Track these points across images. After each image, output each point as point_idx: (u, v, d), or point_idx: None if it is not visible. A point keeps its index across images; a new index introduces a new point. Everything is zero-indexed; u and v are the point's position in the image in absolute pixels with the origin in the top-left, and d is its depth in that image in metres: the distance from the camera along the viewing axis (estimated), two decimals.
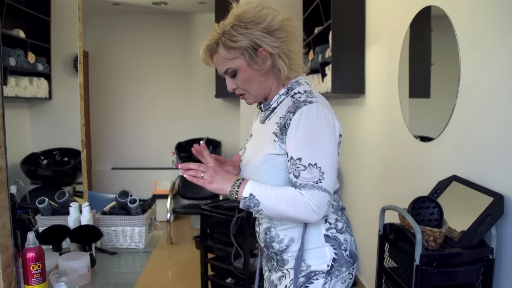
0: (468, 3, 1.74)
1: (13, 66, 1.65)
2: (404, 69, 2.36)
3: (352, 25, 3.00)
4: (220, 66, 1.24)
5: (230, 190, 1.18)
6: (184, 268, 3.88)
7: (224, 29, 1.20)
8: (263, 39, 1.17)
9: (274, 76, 1.25)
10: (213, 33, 1.23)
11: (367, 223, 3.04)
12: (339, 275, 1.24)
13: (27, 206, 1.68)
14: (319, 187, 1.12)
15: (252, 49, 1.18)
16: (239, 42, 1.17)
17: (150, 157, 5.62)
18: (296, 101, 1.19)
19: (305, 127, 1.13)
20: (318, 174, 1.12)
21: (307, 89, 1.23)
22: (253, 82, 1.23)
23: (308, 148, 1.13)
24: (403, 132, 2.36)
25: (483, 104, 1.65)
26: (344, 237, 1.27)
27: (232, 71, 1.22)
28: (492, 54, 1.59)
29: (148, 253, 1.81)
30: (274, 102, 1.27)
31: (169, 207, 4.73)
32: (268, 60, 1.20)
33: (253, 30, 1.17)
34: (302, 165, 1.13)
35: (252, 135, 1.39)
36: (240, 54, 1.19)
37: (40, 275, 1.24)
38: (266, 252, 1.36)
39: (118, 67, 5.51)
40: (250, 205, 1.16)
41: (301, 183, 1.13)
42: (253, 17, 1.18)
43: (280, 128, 1.19)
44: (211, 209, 2.76)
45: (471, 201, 1.61)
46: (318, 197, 1.12)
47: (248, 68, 1.21)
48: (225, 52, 1.19)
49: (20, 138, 1.71)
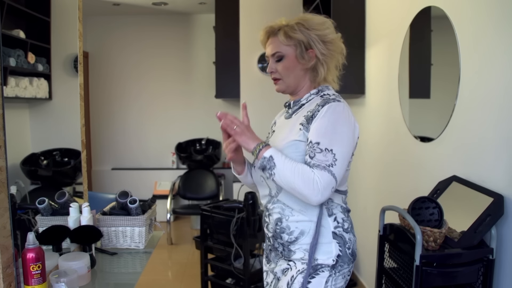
0: (468, 3, 1.74)
1: (13, 67, 1.65)
2: (404, 69, 2.36)
3: (352, 25, 3.00)
4: (271, 47, 1.39)
5: (254, 146, 1.28)
6: (184, 269, 3.87)
7: (289, 22, 1.37)
8: (316, 43, 1.34)
9: (310, 78, 1.40)
10: (278, 22, 1.38)
11: (367, 223, 3.04)
12: (341, 270, 1.34)
13: (27, 207, 1.68)
14: (329, 171, 1.21)
15: (304, 46, 1.34)
16: (298, 35, 1.34)
17: (150, 157, 5.62)
18: (325, 98, 1.34)
19: (330, 118, 1.26)
20: (331, 159, 1.22)
21: (336, 94, 1.39)
22: (291, 72, 1.38)
23: (329, 136, 1.24)
24: (403, 133, 2.36)
25: (483, 105, 1.65)
26: (349, 236, 1.37)
27: (280, 55, 1.37)
28: (492, 55, 1.59)
29: (148, 254, 1.81)
30: (304, 100, 1.41)
31: (169, 208, 4.73)
32: (313, 61, 1.36)
33: (312, 33, 1.34)
34: (319, 148, 1.23)
35: (275, 131, 1.48)
36: (293, 45, 1.35)
37: (40, 276, 1.24)
38: (272, 242, 1.43)
39: (118, 68, 5.52)
40: (266, 166, 1.27)
41: (314, 163, 1.23)
42: (316, 25, 1.36)
43: (307, 119, 1.31)
44: (211, 209, 2.76)
45: (471, 201, 1.61)
46: (326, 179, 1.21)
47: (294, 59, 1.36)
48: (283, 37, 1.35)
49: (20, 138, 1.71)
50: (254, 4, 4.04)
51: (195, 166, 5.17)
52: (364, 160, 3.09)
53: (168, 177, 5.42)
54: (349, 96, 3.28)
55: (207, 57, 5.39)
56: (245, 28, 4.05)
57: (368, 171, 3.03)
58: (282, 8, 3.94)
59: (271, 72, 1.41)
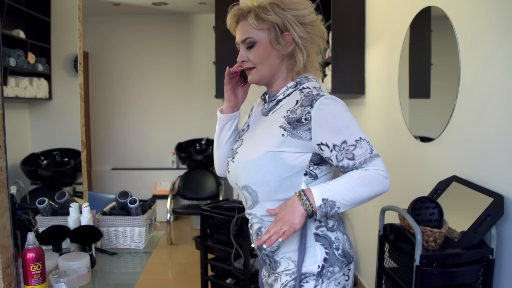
0: (468, 3, 1.74)
1: (13, 67, 1.65)
2: (404, 69, 2.36)
3: (352, 25, 3.00)
4: (241, 32, 1.23)
5: (304, 209, 1.10)
6: (184, 269, 3.87)
7: (261, 4, 1.20)
8: (293, 25, 1.17)
9: (287, 66, 1.24)
10: (249, 3, 1.23)
11: (367, 223, 3.04)
12: (332, 276, 1.19)
13: (27, 207, 1.68)
14: (375, 155, 1.12)
15: (279, 29, 1.18)
16: (271, 16, 1.17)
17: (150, 157, 5.62)
18: (308, 94, 1.17)
19: (332, 113, 1.13)
20: (366, 145, 1.12)
21: (316, 86, 1.22)
22: (266, 61, 1.21)
23: (345, 129, 1.12)
24: (403, 133, 2.36)
25: (483, 105, 1.65)
26: (336, 235, 1.22)
27: (251, 41, 1.21)
28: (492, 55, 1.59)
29: (148, 254, 1.81)
30: (280, 94, 1.25)
31: (169, 208, 4.73)
32: (290, 47, 1.20)
33: (288, 13, 1.17)
34: (351, 145, 1.12)
35: (250, 126, 1.33)
36: (266, 29, 1.19)
37: (40, 276, 1.24)
38: (260, 255, 1.32)
39: (118, 68, 5.51)
40: (328, 211, 1.10)
41: (360, 161, 1.12)
42: (292, 4, 1.18)
43: (291, 122, 1.16)
44: (211, 209, 2.76)
45: (471, 201, 1.61)
46: (380, 164, 1.12)
47: (268, 45, 1.20)
48: (254, 21, 1.19)
49: (20, 138, 1.71)
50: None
51: (195, 166, 5.17)
52: None
53: (168, 177, 5.42)
54: (349, 96, 3.28)
55: (207, 57, 5.39)
56: None
57: None
58: None
59: (243, 61, 1.24)
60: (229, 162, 1.29)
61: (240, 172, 1.23)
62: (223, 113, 1.34)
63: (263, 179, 1.17)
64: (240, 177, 1.23)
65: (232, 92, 1.32)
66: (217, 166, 1.40)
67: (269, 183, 1.17)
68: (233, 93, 1.32)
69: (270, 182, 1.17)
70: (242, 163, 1.23)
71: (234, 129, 1.35)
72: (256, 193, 1.20)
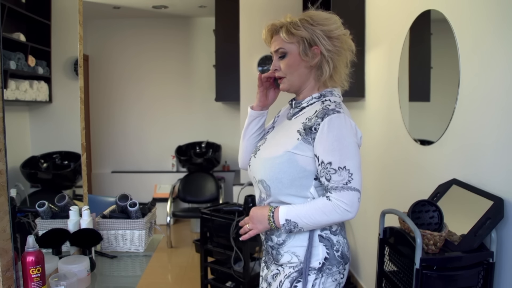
0: (468, 7, 1.75)
1: (13, 70, 1.65)
2: (404, 72, 2.37)
3: (351, 28, 2.97)
4: (275, 44, 1.37)
5: (269, 225, 1.33)
6: (184, 272, 3.87)
7: (292, 19, 1.34)
8: (321, 39, 1.30)
9: (315, 77, 1.37)
10: (282, 19, 1.36)
11: (367, 226, 3.04)
12: (329, 272, 1.33)
13: (27, 210, 1.68)
14: (348, 188, 1.23)
15: (308, 43, 1.31)
16: (300, 31, 1.30)
17: (150, 160, 5.62)
18: (325, 107, 1.29)
19: (334, 133, 1.24)
20: (347, 176, 1.24)
21: (337, 101, 1.34)
22: (295, 71, 1.35)
23: (338, 152, 1.24)
24: (403, 136, 2.36)
25: (483, 108, 1.65)
26: (337, 239, 1.35)
27: (283, 52, 1.34)
28: (492, 58, 1.59)
29: (148, 257, 1.81)
30: (305, 103, 1.38)
31: (169, 211, 4.73)
32: (317, 58, 1.32)
33: (316, 29, 1.31)
34: (333, 168, 1.24)
35: (275, 128, 1.47)
36: (296, 42, 1.32)
37: (39, 279, 1.24)
38: (265, 246, 1.45)
39: (118, 71, 5.52)
40: (291, 228, 1.28)
41: (332, 185, 1.24)
42: (321, 20, 1.32)
43: (305, 128, 1.29)
44: (211, 212, 2.76)
45: (471, 204, 1.61)
46: (348, 197, 1.23)
47: (297, 56, 1.33)
48: (285, 35, 1.32)
49: (20, 141, 1.71)
50: (254, 7, 4.05)
51: (195, 169, 5.17)
52: (364, 163, 3.07)
53: (168, 180, 5.42)
54: (349, 100, 3.28)
55: (207, 60, 5.40)
56: (245, 31, 4.06)
57: (368, 174, 3.03)
58: (282, 12, 3.89)
59: (275, 70, 1.38)
60: (252, 157, 1.44)
61: (259, 167, 1.38)
62: (253, 109, 1.50)
63: (277, 176, 1.31)
64: (258, 171, 1.38)
65: (264, 94, 1.48)
66: (240, 158, 1.55)
67: (282, 180, 1.30)
68: (264, 94, 1.48)
69: (283, 179, 1.30)
70: (262, 160, 1.38)
71: (260, 126, 1.51)
72: (270, 187, 1.34)
